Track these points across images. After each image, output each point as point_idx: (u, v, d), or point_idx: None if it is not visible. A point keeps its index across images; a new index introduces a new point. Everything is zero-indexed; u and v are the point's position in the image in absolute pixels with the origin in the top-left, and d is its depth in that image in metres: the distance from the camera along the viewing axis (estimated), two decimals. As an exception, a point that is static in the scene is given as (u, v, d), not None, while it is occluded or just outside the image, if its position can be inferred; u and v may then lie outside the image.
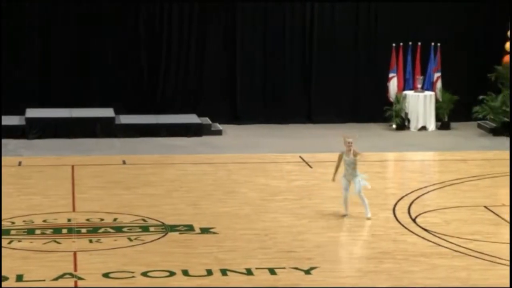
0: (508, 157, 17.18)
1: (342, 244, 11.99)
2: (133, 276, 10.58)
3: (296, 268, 10.88)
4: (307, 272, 10.78)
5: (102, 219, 12.90)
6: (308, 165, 16.61)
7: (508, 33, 20.04)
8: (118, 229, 12.44)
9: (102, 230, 12.43)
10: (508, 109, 19.19)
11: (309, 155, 17.29)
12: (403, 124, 19.91)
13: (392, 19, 20.48)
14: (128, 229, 12.44)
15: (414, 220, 12.97)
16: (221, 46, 20.44)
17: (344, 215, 13.00)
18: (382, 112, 20.00)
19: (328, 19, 20.55)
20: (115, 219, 12.90)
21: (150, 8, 20.14)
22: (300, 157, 17.16)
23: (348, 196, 12.98)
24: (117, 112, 19.51)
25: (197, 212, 13.39)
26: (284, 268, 10.89)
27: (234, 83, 20.55)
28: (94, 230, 12.41)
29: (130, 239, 11.99)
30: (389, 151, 18.11)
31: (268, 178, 15.51)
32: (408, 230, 12.52)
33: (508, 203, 13.97)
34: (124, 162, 16.72)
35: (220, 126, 19.74)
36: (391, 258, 11.29)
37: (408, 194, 14.41)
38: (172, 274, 10.69)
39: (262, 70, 20.58)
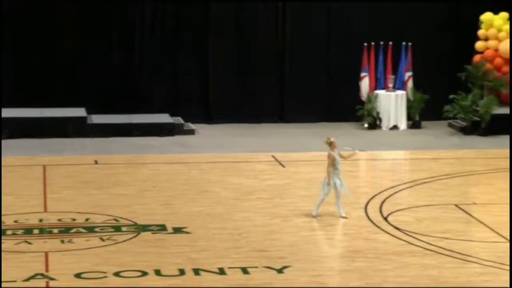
0: (478, 155, 17.35)
1: (315, 243, 12.03)
2: (105, 276, 10.55)
3: (269, 267, 10.91)
4: (280, 271, 10.82)
5: (74, 219, 12.85)
6: (281, 164, 16.65)
7: (478, 32, 20.22)
8: (90, 229, 12.39)
9: (74, 230, 12.38)
10: (478, 108, 19.34)
11: (282, 154, 17.33)
12: (374, 123, 20.01)
13: (363, 19, 20.56)
14: (100, 229, 12.40)
15: (385, 219, 13.05)
16: (194, 47, 20.43)
17: (314, 216, 13.00)
18: (354, 111, 20.08)
19: (300, 19, 20.59)
20: (87, 219, 12.86)
21: (123, 8, 20.08)
22: (273, 156, 17.20)
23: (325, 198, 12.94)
24: (89, 111, 19.43)
25: (170, 212, 13.38)
26: (256, 267, 10.91)
27: (206, 83, 20.54)
28: (66, 230, 12.36)
29: (102, 239, 11.95)
30: (361, 150, 18.16)
31: (241, 178, 15.53)
32: (380, 228, 12.60)
33: (479, 201, 14.11)
34: (96, 162, 16.66)
35: (192, 126, 19.73)
36: (363, 257, 11.35)
37: (380, 192, 14.49)
38: (144, 274, 10.67)
39: (234, 70, 20.58)
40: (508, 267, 10.89)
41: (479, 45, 20.25)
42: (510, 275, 10.26)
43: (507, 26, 20.12)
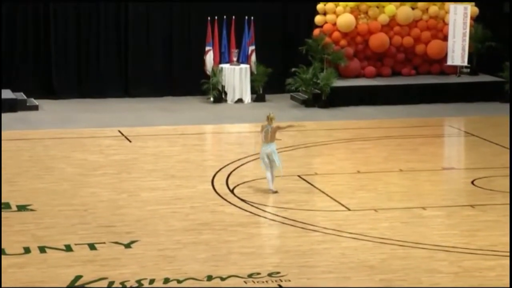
0: (319, 127, 17.91)
1: (162, 217, 12.14)
2: None
3: (116, 243, 10.95)
4: (127, 246, 10.88)
5: None
6: (127, 139, 16.62)
7: (317, 6, 20.77)
8: None
9: None
10: (318, 81, 19.89)
11: (128, 129, 17.28)
12: (220, 97, 20.25)
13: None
14: None
15: (232, 191, 13.31)
16: (33, 21, 19.98)
17: (275, 192, 13.00)
18: (200, 85, 20.24)
19: (141, -5, 20.52)
20: None
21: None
22: (119, 131, 17.13)
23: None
24: None
25: (13, 189, 13.14)
26: (104, 243, 10.93)
27: (48, 58, 20.15)
28: None
29: None
30: (207, 124, 18.40)
31: (87, 153, 15.41)
32: (226, 201, 12.85)
33: (320, 172, 14.61)
34: None
35: (36, 102, 19.34)
36: (209, 229, 11.57)
37: (226, 165, 14.74)
38: (-12, 254, 10.48)
39: (77, 44, 20.28)
40: (346, 234, 11.38)
41: (318, 19, 20.83)
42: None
43: (344, 2, 20.80)
